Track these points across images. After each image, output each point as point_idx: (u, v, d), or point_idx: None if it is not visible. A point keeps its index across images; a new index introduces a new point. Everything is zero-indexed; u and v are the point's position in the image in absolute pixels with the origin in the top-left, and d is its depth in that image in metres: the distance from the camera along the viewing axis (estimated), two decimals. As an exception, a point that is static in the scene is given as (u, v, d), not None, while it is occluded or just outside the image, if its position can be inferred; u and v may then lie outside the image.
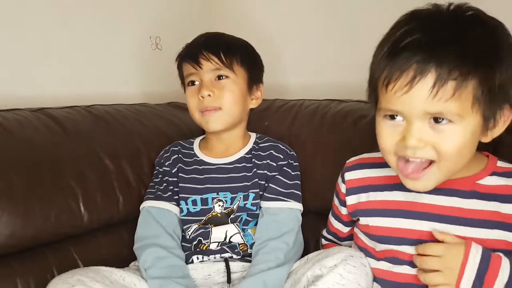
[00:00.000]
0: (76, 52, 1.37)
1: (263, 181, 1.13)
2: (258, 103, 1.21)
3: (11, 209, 0.96)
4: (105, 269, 0.96)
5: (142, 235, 1.08)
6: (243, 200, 1.11)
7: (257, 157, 1.15)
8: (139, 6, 1.52)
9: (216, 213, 1.11)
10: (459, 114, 0.73)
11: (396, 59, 0.74)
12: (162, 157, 1.19)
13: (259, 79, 1.21)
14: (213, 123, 1.12)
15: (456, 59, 0.71)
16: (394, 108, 0.77)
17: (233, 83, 1.12)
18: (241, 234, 1.09)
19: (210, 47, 1.12)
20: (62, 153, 1.09)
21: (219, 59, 1.11)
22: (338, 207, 1.02)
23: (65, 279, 0.88)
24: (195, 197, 1.12)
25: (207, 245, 1.08)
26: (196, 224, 1.10)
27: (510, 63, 0.75)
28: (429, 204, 0.85)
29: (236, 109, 1.13)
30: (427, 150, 0.76)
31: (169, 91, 1.42)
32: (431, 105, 0.73)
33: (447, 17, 0.76)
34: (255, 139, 1.20)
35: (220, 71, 1.12)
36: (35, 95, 1.28)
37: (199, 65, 1.11)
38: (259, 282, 0.96)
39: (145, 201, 1.14)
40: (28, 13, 1.27)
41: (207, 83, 1.11)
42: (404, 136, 0.77)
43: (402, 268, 0.86)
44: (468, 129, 0.75)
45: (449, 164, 0.78)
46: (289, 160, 1.16)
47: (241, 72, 1.14)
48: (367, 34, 1.40)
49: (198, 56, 1.11)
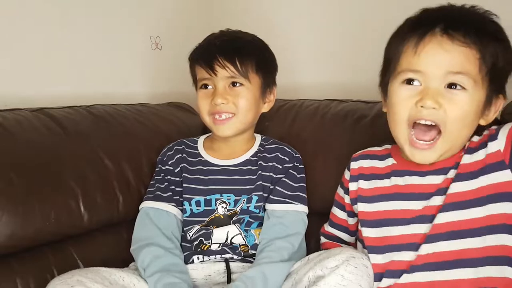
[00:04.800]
0: (76, 52, 1.37)
1: (268, 183, 1.12)
2: (270, 106, 1.19)
3: (11, 209, 0.96)
4: (105, 269, 0.96)
5: (139, 237, 1.08)
6: (247, 203, 1.10)
7: (263, 159, 1.14)
8: (139, 6, 1.52)
9: (219, 214, 1.10)
10: (474, 79, 0.83)
11: (423, 22, 0.85)
12: (165, 155, 1.18)
13: (273, 82, 1.19)
14: (225, 130, 1.11)
15: (477, 29, 0.83)
16: (418, 68, 0.85)
17: (247, 90, 1.11)
18: (243, 235, 1.09)
19: (226, 52, 1.09)
20: (62, 153, 1.08)
21: (235, 67, 1.08)
22: (342, 196, 1.06)
23: (64, 280, 0.88)
24: (199, 198, 1.12)
25: (208, 246, 1.08)
26: (198, 225, 1.10)
27: (508, 58, 0.85)
28: (419, 184, 0.91)
29: (249, 116, 1.12)
30: (440, 113, 0.84)
31: (169, 91, 1.42)
32: (454, 65, 0.82)
33: (461, 7, 0.87)
34: (260, 141, 1.19)
35: (235, 79, 1.09)
36: (35, 95, 1.28)
37: (214, 72, 1.08)
38: (259, 272, 0.97)
39: (144, 201, 1.14)
40: (28, 13, 1.27)
41: (221, 90, 1.09)
42: (422, 98, 0.84)
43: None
44: (474, 99, 0.84)
45: (453, 133, 0.86)
46: (295, 162, 1.16)
47: (256, 79, 1.12)
48: (367, 34, 1.41)
49: (213, 62, 1.08)
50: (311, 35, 1.53)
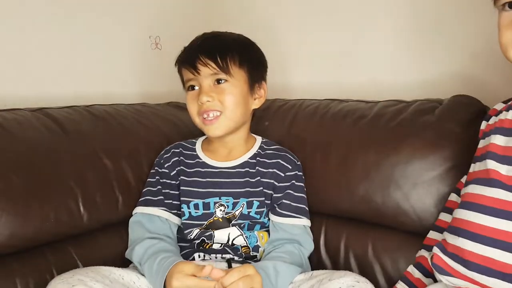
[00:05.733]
0: (76, 52, 1.37)
1: (270, 190, 1.12)
2: (261, 102, 1.17)
3: (10, 209, 0.96)
4: (105, 268, 0.96)
5: (131, 239, 1.09)
6: (247, 208, 1.10)
7: (262, 164, 1.14)
8: (139, 5, 1.52)
9: (217, 218, 1.10)
10: None
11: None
12: (162, 158, 1.17)
13: (262, 78, 1.16)
14: (214, 130, 1.10)
15: None
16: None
17: (233, 86, 1.09)
18: (244, 236, 1.09)
19: (207, 50, 1.08)
20: (61, 153, 1.08)
21: (216, 63, 1.07)
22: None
23: (65, 279, 0.88)
24: (197, 201, 1.11)
25: (210, 245, 1.08)
26: (197, 229, 1.10)
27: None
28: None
29: (237, 112, 1.10)
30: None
31: (169, 91, 1.42)
32: None
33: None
34: (261, 144, 1.18)
35: (218, 75, 1.08)
36: (35, 95, 1.28)
37: (197, 71, 1.08)
38: (272, 266, 0.97)
39: (136, 207, 1.13)
40: (28, 12, 1.27)
41: (206, 88, 1.08)
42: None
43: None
44: None
45: None
46: (297, 171, 1.15)
47: (241, 73, 1.10)
48: (368, 35, 1.41)
49: (195, 61, 1.07)
50: (313, 34, 1.53)
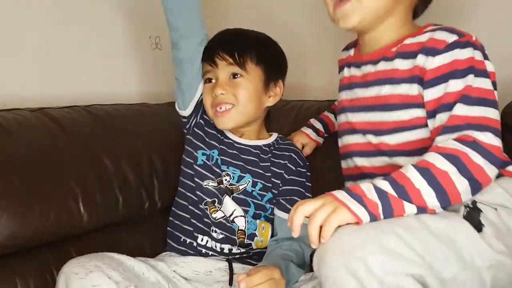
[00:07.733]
0: (75, 52, 1.37)
1: (278, 180, 1.14)
2: (276, 100, 1.18)
3: (10, 209, 0.96)
4: (118, 257, 0.96)
5: None
6: (251, 186, 1.12)
7: (274, 155, 1.17)
8: (139, 5, 1.52)
9: (224, 185, 1.13)
10: None
11: None
12: None
13: (279, 76, 1.18)
14: (224, 122, 1.13)
15: None
16: None
17: (248, 81, 1.11)
18: (246, 219, 1.10)
19: (226, 46, 1.11)
20: (61, 153, 1.08)
21: (233, 58, 1.10)
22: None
23: (82, 264, 0.88)
24: (212, 151, 1.15)
25: (216, 209, 1.10)
26: (213, 182, 1.12)
27: None
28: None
29: (249, 107, 1.12)
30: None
31: (169, 91, 1.41)
32: None
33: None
34: (277, 138, 1.21)
35: (234, 69, 1.11)
36: (35, 95, 1.27)
37: (215, 63, 1.11)
38: (283, 264, 0.99)
39: None
40: (28, 13, 1.27)
41: (221, 81, 1.11)
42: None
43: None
44: None
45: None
46: (306, 171, 1.18)
47: (257, 71, 1.12)
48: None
49: (214, 54, 1.11)
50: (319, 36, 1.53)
